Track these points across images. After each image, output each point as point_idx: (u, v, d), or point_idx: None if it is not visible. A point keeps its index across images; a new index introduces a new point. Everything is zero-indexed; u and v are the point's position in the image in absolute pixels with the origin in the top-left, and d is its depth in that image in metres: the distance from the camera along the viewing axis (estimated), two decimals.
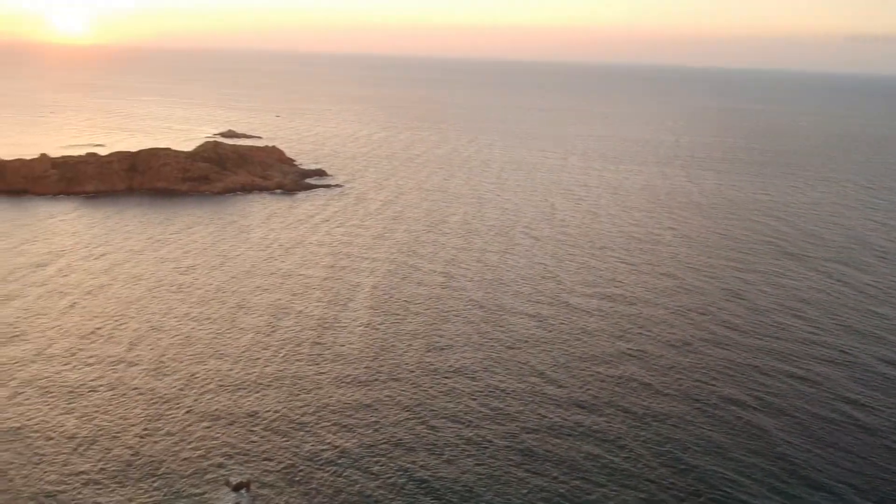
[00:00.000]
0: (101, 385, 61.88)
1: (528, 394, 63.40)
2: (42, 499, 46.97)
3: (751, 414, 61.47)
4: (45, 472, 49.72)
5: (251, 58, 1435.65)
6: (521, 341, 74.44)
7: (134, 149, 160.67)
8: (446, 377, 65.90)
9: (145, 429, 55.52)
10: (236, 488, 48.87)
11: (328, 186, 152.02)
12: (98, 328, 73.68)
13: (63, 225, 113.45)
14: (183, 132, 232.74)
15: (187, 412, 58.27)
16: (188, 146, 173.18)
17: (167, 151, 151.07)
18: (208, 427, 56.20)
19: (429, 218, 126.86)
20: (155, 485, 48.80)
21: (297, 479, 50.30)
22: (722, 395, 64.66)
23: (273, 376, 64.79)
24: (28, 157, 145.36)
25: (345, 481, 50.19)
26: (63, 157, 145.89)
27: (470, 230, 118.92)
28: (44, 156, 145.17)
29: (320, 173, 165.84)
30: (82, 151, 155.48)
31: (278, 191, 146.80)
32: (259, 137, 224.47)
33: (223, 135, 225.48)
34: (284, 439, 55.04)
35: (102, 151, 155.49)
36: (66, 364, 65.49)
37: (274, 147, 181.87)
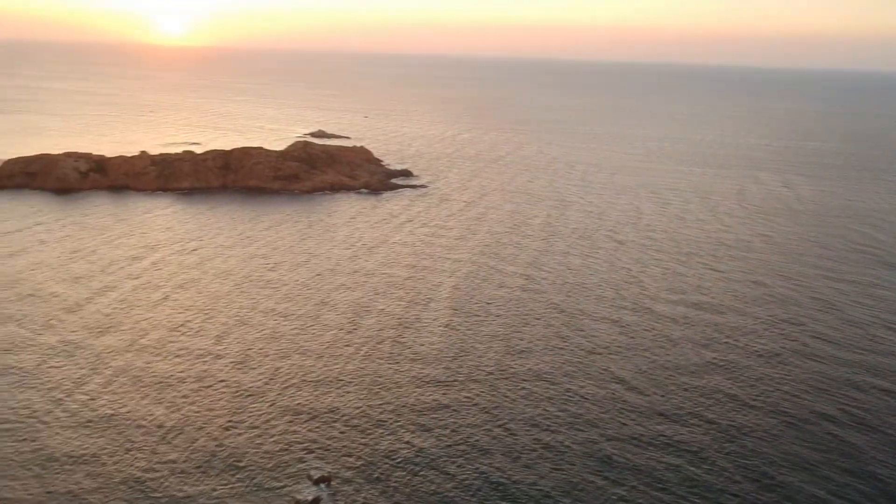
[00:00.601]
0: (188, 376, 63.99)
1: (609, 401, 62.40)
2: (132, 484, 48.81)
3: (843, 430, 58.89)
4: (136, 458, 51.69)
5: (339, 59, 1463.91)
6: (603, 347, 73.33)
7: (228, 147, 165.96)
8: (525, 381, 65.48)
9: (229, 421, 57.10)
10: (318, 482, 49.76)
11: (413, 187, 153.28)
12: (188, 321, 76.24)
13: (159, 220, 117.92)
14: (274, 132, 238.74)
15: (270, 406, 59.63)
16: (280, 145, 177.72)
17: (259, 150, 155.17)
18: (290, 421, 57.37)
19: (511, 219, 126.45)
20: (237, 476, 50.12)
21: (376, 476, 50.82)
22: (812, 409, 62.15)
23: (353, 373, 65.68)
24: (129, 155, 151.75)
25: (421, 480, 50.44)
26: (161, 155, 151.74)
27: (552, 233, 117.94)
28: (144, 153, 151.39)
29: (406, 173, 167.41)
30: (179, 149, 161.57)
31: (364, 190, 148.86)
32: (348, 138, 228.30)
33: (313, 135, 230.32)
34: (363, 436, 55.69)
35: (198, 150, 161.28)
36: (156, 355, 68.01)
37: (362, 147, 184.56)
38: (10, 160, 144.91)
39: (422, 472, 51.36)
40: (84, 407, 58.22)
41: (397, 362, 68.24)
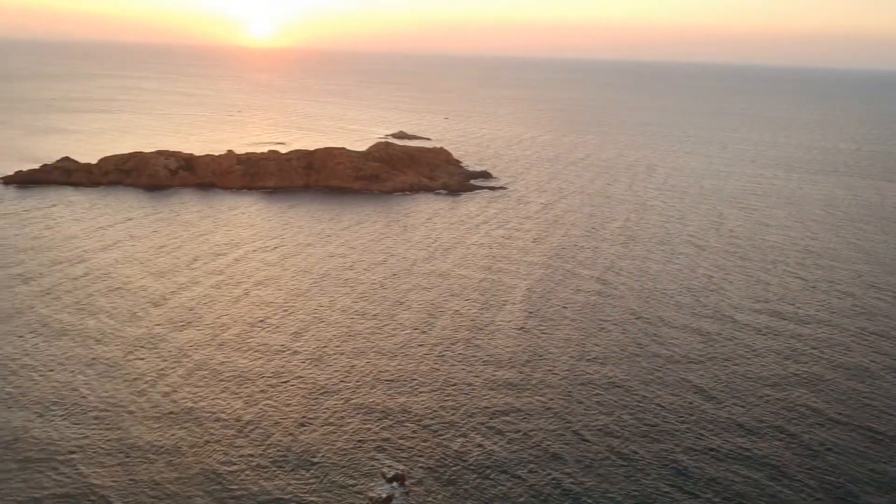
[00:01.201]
0: (266, 372, 65.40)
1: (686, 412, 60.93)
2: (210, 476, 50.13)
3: None
4: (214, 450, 53.10)
5: (422, 60, 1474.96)
6: (681, 356, 71.66)
7: (311, 148, 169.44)
8: (600, 387, 64.55)
9: (304, 416, 58.09)
10: (391, 480, 50.16)
11: (492, 188, 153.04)
12: (267, 317, 77.96)
13: (243, 217, 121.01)
14: (356, 132, 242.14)
15: (344, 403, 60.40)
16: (362, 146, 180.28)
17: (342, 151, 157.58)
18: (363, 420, 57.98)
19: (589, 222, 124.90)
20: (312, 472, 50.92)
21: (447, 476, 50.90)
22: None
23: (426, 374, 65.97)
24: (217, 154, 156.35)
25: (492, 483, 50.27)
26: (247, 154, 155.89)
27: (630, 237, 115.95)
28: (230, 152, 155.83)
29: (485, 175, 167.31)
30: (265, 149, 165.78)
31: (443, 191, 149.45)
32: (428, 139, 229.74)
33: (394, 136, 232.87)
34: (435, 437, 55.86)
35: (283, 149, 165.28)
36: (236, 349, 69.75)
37: (441, 148, 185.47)
38: (105, 157, 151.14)
39: (493, 476, 51.19)
40: (166, 398, 60.19)
41: (470, 364, 68.23)
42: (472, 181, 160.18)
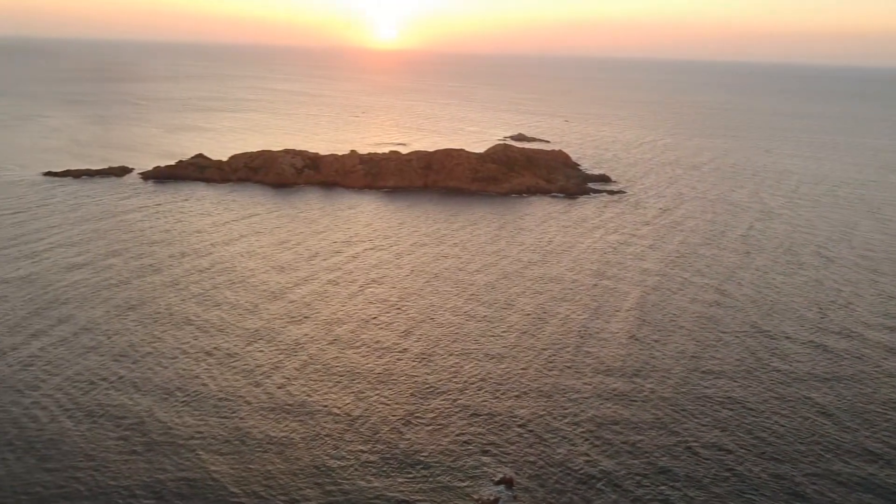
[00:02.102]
0: (376, 368, 66.60)
1: (808, 433, 57.92)
2: (321, 469, 51.42)
3: None
4: (324, 444, 54.49)
5: (546, 62, 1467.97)
6: (804, 373, 68.21)
7: (430, 149, 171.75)
8: (715, 402, 62.28)
9: (411, 415, 58.80)
10: (498, 483, 50.11)
11: (609, 192, 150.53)
12: (379, 314, 79.44)
13: (361, 216, 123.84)
14: (475, 134, 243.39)
15: (451, 404, 60.77)
16: (480, 148, 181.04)
17: (460, 152, 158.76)
18: (469, 421, 58.13)
19: (708, 229, 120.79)
20: (418, 470, 51.45)
21: (551, 484, 50.36)
22: None
23: (533, 378, 65.48)
24: (340, 153, 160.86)
25: (597, 494, 49.36)
26: (369, 154, 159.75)
27: (753, 246, 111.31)
28: (353, 152, 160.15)
29: (603, 178, 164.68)
30: (386, 150, 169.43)
31: (560, 194, 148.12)
32: (547, 141, 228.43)
33: (513, 138, 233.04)
34: (540, 443, 55.38)
35: (403, 150, 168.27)
36: (348, 345, 71.36)
37: (560, 151, 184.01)
38: (235, 155, 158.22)
39: (599, 486, 50.27)
40: (280, 390, 62.25)
41: (578, 371, 67.27)
42: (590, 184, 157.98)
